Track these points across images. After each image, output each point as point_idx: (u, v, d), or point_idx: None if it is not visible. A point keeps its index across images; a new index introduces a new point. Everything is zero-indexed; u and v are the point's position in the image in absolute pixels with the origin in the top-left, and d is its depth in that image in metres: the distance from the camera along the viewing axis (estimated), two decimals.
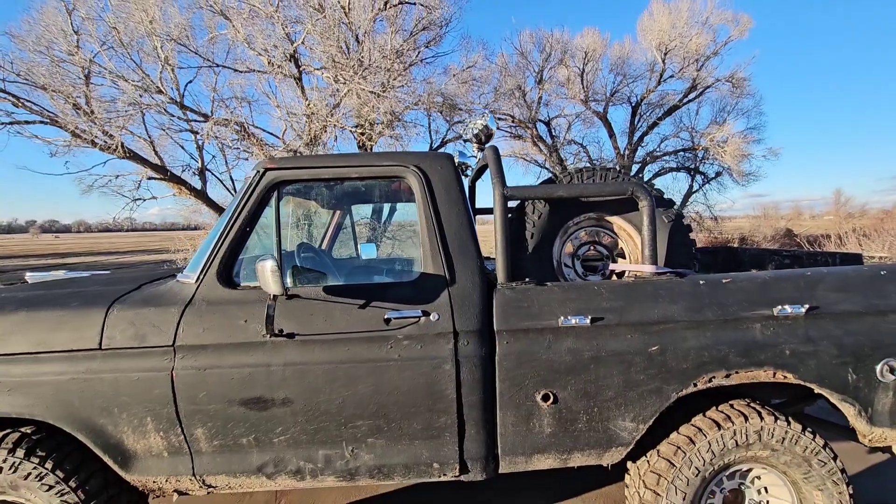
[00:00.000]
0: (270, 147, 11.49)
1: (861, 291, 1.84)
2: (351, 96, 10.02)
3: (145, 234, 62.13)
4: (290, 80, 10.70)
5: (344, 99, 10.36)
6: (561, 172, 2.21)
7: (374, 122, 10.91)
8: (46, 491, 1.74)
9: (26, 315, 1.79)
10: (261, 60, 10.57)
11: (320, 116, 10.45)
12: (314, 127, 10.79)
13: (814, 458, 1.84)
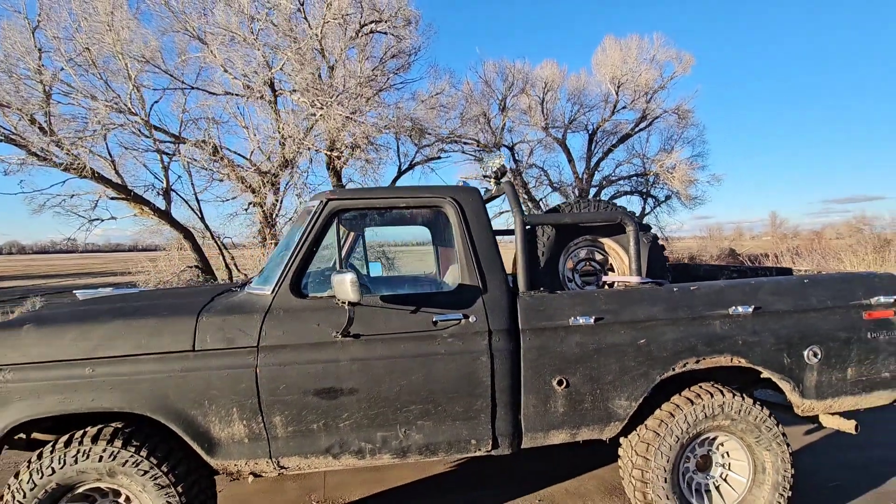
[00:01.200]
0: (241, 168, 11.62)
1: (791, 295, 2.47)
2: (327, 120, 10.41)
3: (87, 255, 58.46)
4: (265, 103, 10.97)
5: (319, 123, 10.72)
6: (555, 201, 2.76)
7: (352, 147, 11.30)
8: (142, 476, 2.04)
9: (124, 323, 2.11)
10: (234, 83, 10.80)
11: (295, 140, 10.75)
12: (288, 150, 11.06)
13: (762, 425, 2.42)
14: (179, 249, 12.62)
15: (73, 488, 2.06)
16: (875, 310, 2.48)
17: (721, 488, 2.52)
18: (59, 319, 2.16)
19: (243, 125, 12.51)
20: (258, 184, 11.46)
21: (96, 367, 2.03)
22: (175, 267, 12.39)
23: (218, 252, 12.59)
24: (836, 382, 2.48)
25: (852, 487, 2.98)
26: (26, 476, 1.99)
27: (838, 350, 2.45)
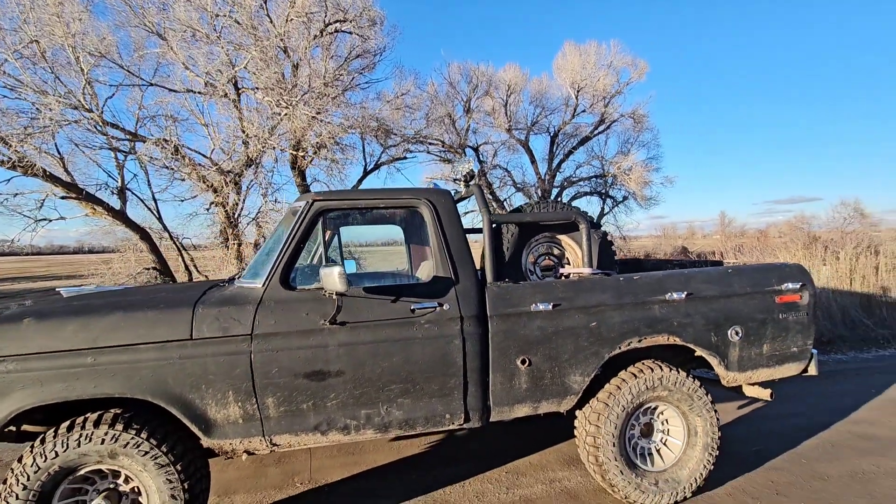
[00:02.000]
0: (202, 167, 11.46)
1: (717, 283, 2.90)
2: (292, 120, 10.44)
3: (28, 258, 54.62)
4: (228, 101, 10.88)
5: (284, 122, 10.73)
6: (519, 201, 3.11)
7: (317, 146, 11.36)
8: (143, 456, 2.22)
9: (124, 315, 2.28)
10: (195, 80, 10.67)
11: (260, 139, 10.72)
12: (252, 149, 11.01)
13: (694, 395, 2.83)
14: (135, 251, 12.30)
15: (75, 470, 2.22)
16: (785, 294, 2.95)
17: (661, 451, 2.93)
18: (57, 313, 2.30)
19: (203, 123, 12.33)
20: (220, 183, 11.35)
21: (98, 357, 2.20)
22: (131, 268, 12.07)
23: (177, 253, 12.35)
24: (755, 357, 2.93)
25: (771, 450, 3.48)
26: (30, 460, 2.14)
27: (756, 329, 2.90)
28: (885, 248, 8.21)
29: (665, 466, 2.88)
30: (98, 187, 11.36)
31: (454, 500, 2.95)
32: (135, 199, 11.99)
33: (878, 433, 3.76)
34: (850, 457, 3.38)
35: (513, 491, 3.04)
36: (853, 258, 7.73)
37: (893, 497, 2.87)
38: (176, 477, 2.25)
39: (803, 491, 2.96)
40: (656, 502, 2.77)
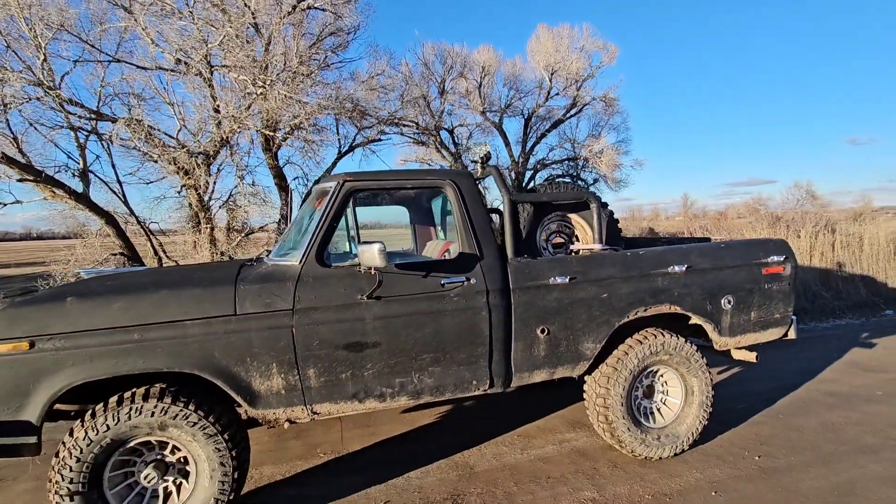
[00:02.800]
0: (172, 149, 11.10)
1: (712, 257, 3.20)
2: (268, 100, 10.23)
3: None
4: (199, 80, 10.53)
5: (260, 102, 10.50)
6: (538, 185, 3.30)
7: (293, 127, 11.19)
8: (192, 427, 2.33)
9: (169, 293, 2.36)
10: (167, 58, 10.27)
11: (236, 119, 10.47)
12: (227, 129, 10.74)
13: (691, 358, 3.14)
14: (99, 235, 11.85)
15: (125, 443, 2.31)
16: (770, 266, 3.28)
17: (661, 410, 3.24)
18: (100, 291, 2.36)
19: (168, 102, 11.89)
20: (192, 165, 11.04)
21: (144, 333, 2.28)
22: (96, 254, 11.65)
23: (144, 238, 11.98)
24: (744, 323, 3.26)
25: (752, 408, 3.88)
26: (82, 434, 2.22)
27: (745, 298, 3.23)
28: (840, 227, 8.91)
29: (665, 423, 3.20)
30: (57, 169, 10.84)
31: (474, 462, 3.18)
32: (98, 182, 11.51)
33: (841, 390, 4.23)
34: (821, 411, 3.81)
35: (527, 452, 3.30)
36: (813, 236, 8.37)
37: (859, 441, 3.29)
38: (224, 445, 2.38)
39: (783, 441, 3.35)
40: (658, 455, 3.09)
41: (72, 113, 10.37)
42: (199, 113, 11.27)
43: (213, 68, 10.78)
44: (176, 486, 2.43)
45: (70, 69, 10.73)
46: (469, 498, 2.77)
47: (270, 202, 12.79)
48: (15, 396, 2.17)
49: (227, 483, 2.38)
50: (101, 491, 2.28)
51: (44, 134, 11.08)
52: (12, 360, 2.15)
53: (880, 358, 5.13)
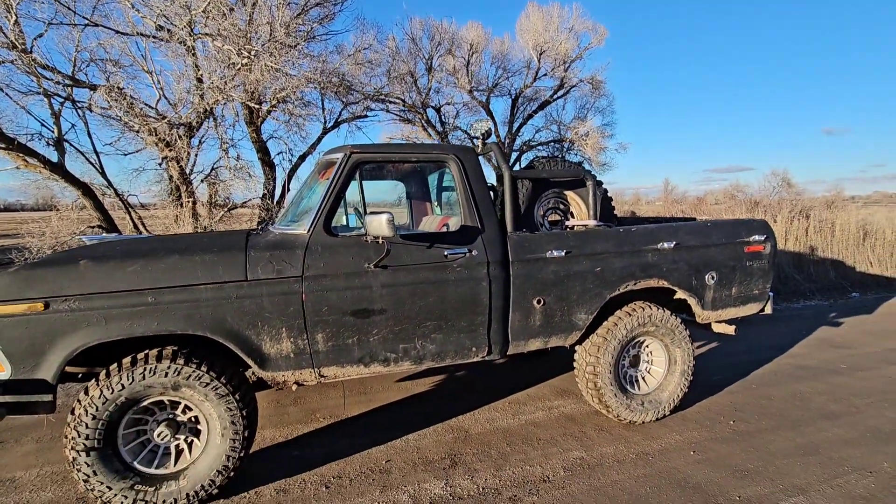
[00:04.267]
0: (153, 119, 10.82)
1: (699, 235, 3.38)
2: (252, 71, 10.02)
3: None
4: (181, 48, 10.24)
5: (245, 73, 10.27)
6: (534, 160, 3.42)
7: (280, 100, 11.00)
8: (205, 387, 2.43)
9: (182, 258, 2.42)
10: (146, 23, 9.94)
11: (222, 91, 10.23)
12: (209, 100, 10.50)
13: (676, 330, 3.35)
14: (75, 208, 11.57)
15: (139, 402, 2.39)
16: (752, 245, 3.49)
17: (646, 378, 3.46)
18: (112, 255, 2.40)
19: (146, 70, 11.52)
20: (174, 137, 10.80)
21: (158, 296, 2.34)
22: (72, 227, 11.38)
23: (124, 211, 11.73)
24: (725, 298, 3.47)
25: (727, 379, 4.15)
26: (97, 392, 2.29)
27: (727, 274, 3.44)
28: (814, 214, 9.30)
29: (649, 390, 3.41)
30: (30, 137, 10.49)
31: (468, 425, 3.36)
32: (73, 151, 11.18)
33: (809, 364, 4.53)
34: (790, 382, 4.10)
35: (518, 416, 3.49)
36: (788, 221, 8.72)
37: (824, 408, 3.57)
38: (235, 405, 2.48)
39: (755, 408, 3.61)
40: (642, 419, 3.31)
41: (46, 78, 9.98)
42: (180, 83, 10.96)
43: (196, 37, 10.48)
44: (187, 444, 2.54)
45: (43, 31, 10.31)
46: (465, 457, 2.94)
47: (256, 177, 12.60)
48: (31, 356, 2.22)
49: (238, 441, 2.49)
50: (115, 447, 2.37)
51: (15, 100, 10.66)
52: (28, 321, 2.20)
53: (846, 335, 5.48)
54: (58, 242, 11.37)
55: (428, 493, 2.58)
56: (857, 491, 2.59)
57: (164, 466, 2.48)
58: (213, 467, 2.46)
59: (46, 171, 11.16)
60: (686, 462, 2.87)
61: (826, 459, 2.90)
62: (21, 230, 14.40)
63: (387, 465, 2.86)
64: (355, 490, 2.62)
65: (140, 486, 2.37)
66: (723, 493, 2.56)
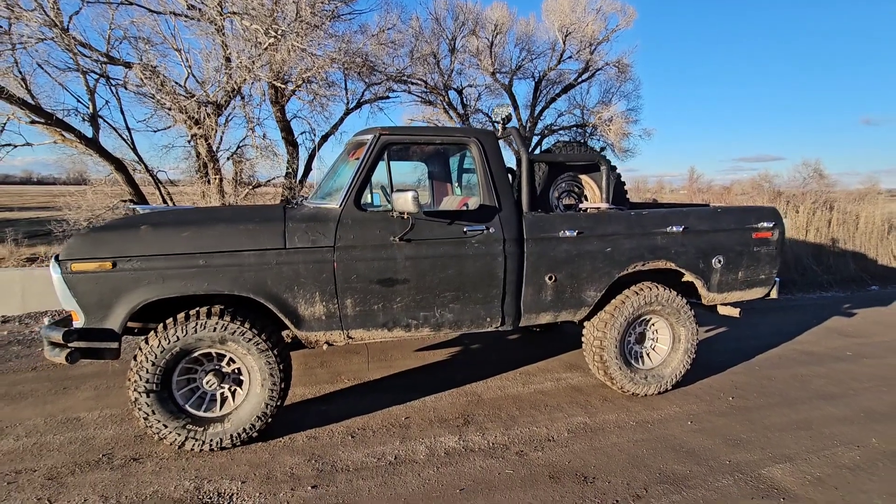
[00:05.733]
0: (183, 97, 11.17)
1: (708, 220, 3.56)
2: (279, 51, 10.27)
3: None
4: (211, 27, 10.53)
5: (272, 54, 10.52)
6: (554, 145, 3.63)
7: (306, 80, 11.24)
8: (248, 342, 2.75)
9: (228, 226, 2.73)
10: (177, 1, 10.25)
11: (250, 70, 10.52)
12: (237, 79, 10.80)
13: (681, 309, 3.55)
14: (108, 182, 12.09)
15: (190, 353, 2.73)
16: (760, 231, 3.65)
17: (650, 354, 3.68)
18: (167, 223, 2.72)
19: (175, 48, 11.87)
20: (203, 114, 11.17)
21: (209, 260, 2.66)
22: (106, 202, 11.92)
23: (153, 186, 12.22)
24: (731, 281, 3.66)
25: (731, 361, 4.34)
26: (156, 342, 2.63)
27: (734, 258, 3.61)
28: (838, 205, 9.24)
29: (653, 365, 3.64)
30: (66, 113, 10.97)
31: (481, 391, 3.64)
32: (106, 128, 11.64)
33: (815, 350, 4.69)
34: (793, 366, 4.28)
35: (528, 386, 3.76)
36: (810, 212, 8.71)
37: (822, 390, 3.76)
38: (273, 360, 2.80)
39: (755, 387, 3.81)
40: (644, 391, 3.55)
41: (84, 55, 10.41)
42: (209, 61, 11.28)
43: (225, 16, 10.75)
44: (231, 393, 2.87)
45: (79, 9, 10.71)
46: (478, 418, 3.23)
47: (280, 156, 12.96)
48: (100, 308, 2.56)
49: (276, 391, 2.82)
50: (170, 391, 2.72)
51: (53, 77, 11.14)
52: (98, 277, 2.54)
53: (857, 325, 5.59)
54: (93, 215, 11.97)
55: (443, 445, 2.88)
56: (843, 462, 2.80)
57: (211, 410, 2.83)
58: (253, 413, 2.80)
59: (82, 146, 11.72)
60: (683, 430, 3.11)
61: (817, 434, 3.11)
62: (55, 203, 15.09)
63: (406, 421, 3.17)
64: (378, 440, 2.93)
65: (191, 426, 2.72)
66: (714, 458, 2.80)
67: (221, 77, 11.36)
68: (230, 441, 2.78)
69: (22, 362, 4.11)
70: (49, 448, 2.80)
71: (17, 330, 4.91)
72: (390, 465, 2.68)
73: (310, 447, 2.85)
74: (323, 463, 2.69)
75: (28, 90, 10.73)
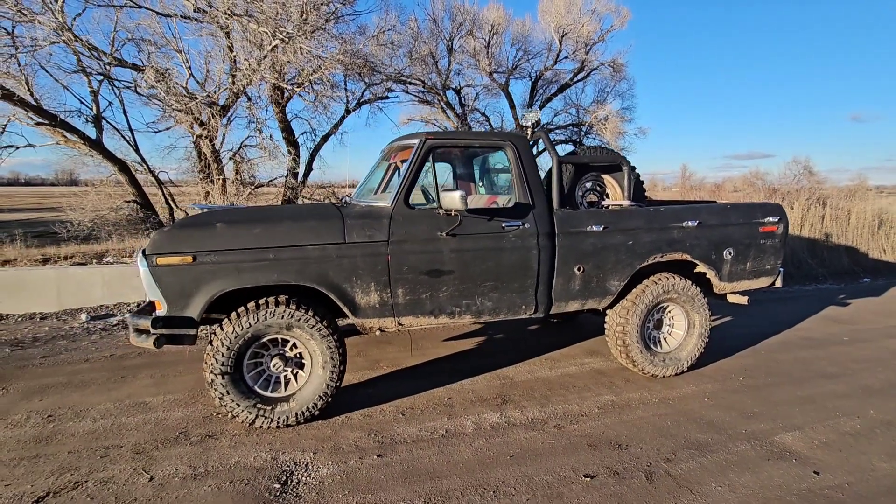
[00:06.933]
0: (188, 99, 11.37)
1: (719, 215, 3.92)
2: (286, 53, 10.54)
3: None
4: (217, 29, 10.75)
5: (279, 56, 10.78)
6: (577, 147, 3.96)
7: (311, 81, 11.49)
8: (311, 328, 3.05)
9: (294, 223, 3.03)
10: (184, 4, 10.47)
11: (256, 72, 10.76)
12: (241, 81, 11.04)
13: (696, 297, 3.92)
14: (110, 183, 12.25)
15: (260, 338, 3.02)
16: (766, 225, 4.02)
17: (667, 339, 4.04)
18: (239, 220, 3.01)
19: (177, 49, 12.08)
20: (209, 115, 11.39)
21: (278, 254, 2.96)
22: (111, 202, 12.07)
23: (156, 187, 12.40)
24: (740, 271, 4.03)
25: (739, 347, 4.72)
26: (230, 328, 2.92)
27: (743, 250, 3.98)
28: (831, 202, 9.71)
29: (670, 349, 4.00)
30: (68, 114, 11.13)
31: (513, 375, 3.98)
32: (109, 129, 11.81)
33: (815, 336, 5.09)
34: (795, 350, 4.67)
35: (555, 369, 4.10)
36: (805, 208, 9.16)
37: (823, 370, 4.15)
38: (333, 344, 3.11)
39: (763, 368, 4.19)
40: (663, 373, 3.90)
41: (94, 57, 10.59)
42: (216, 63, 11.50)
43: (233, 17, 10.98)
44: (293, 375, 3.18)
45: (82, 11, 10.91)
46: (514, 397, 3.56)
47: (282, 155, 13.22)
48: (181, 297, 2.85)
49: (335, 373, 3.13)
50: (241, 374, 3.02)
51: (56, 78, 11.31)
52: (180, 270, 2.83)
53: (851, 314, 6.01)
54: (98, 216, 12.12)
55: (487, 421, 3.21)
56: (845, 429, 3.17)
57: (277, 391, 3.13)
58: (315, 393, 3.11)
59: (85, 147, 11.89)
60: (701, 406, 3.47)
61: (821, 407, 3.48)
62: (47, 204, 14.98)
63: (448, 401, 3.49)
64: (427, 417, 3.25)
65: (261, 405, 3.02)
66: (732, 427, 3.16)
67: (226, 79, 11.60)
68: (295, 419, 3.08)
69: (73, 355, 4.36)
70: (127, 428, 3.08)
71: (57, 326, 5.14)
72: (443, 437, 3.00)
73: (366, 423, 3.16)
74: (382, 436, 3.00)
75: (31, 92, 10.91)
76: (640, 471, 2.65)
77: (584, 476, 2.59)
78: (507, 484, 2.51)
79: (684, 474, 2.62)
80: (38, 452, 2.77)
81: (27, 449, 2.81)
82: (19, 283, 5.46)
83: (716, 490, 2.48)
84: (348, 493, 2.43)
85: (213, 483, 2.49)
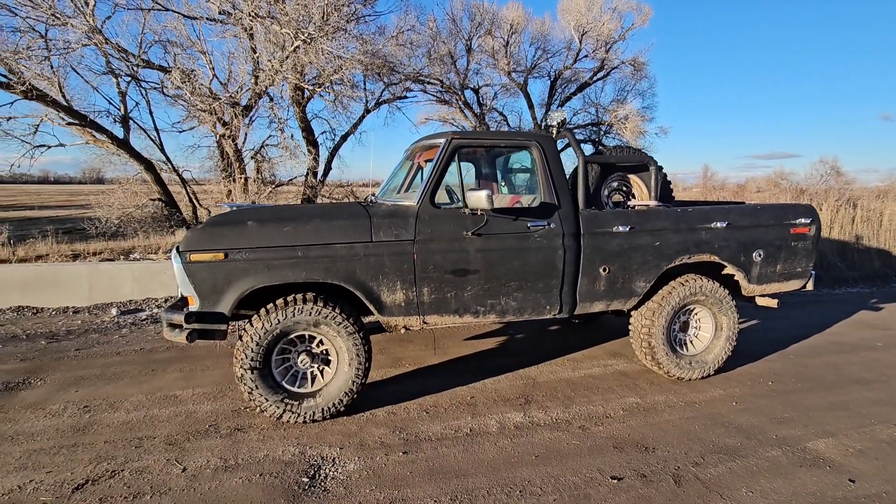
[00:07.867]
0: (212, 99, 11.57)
1: (749, 216, 3.86)
2: (308, 54, 10.66)
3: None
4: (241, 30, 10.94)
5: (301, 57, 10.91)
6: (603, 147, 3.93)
7: (332, 81, 11.60)
8: (338, 325, 3.09)
9: (322, 222, 3.07)
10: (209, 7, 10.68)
11: (277, 72, 10.90)
12: (265, 81, 11.20)
13: (724, 300, 3.86)
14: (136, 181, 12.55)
15: (288, 335, 3.08)
16: (797, 227, 3.94)
17: (693, 341, 3.99)
18: (269, 219, 3.07)
19: (201, 51, 12.32)
20: (232, 115, 11.59)
21: (306, 252, 3.00)
22: (137, 200, 12.36)
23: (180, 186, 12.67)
24: (770, 273, 3.95)
25: (768, 351, 4.64)
26: (259, 325, 2.98)
27: (773, 252, 3.91)
28: (862, 203, 9.45)
29: (696, 352, 3.95)
30: (97, 114, 11.44)
31: (535, 375, 3.97)
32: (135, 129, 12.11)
33: (846, 340, 4.97)
34: (826, 354, 4.57)
35: (578, 371, 4.08)
36: (834, 210, 8.94)
37: (856, 376, 4.05)
38: (359, 341, 3.14)
39: (793, 373, 4.11)
40: (689, 376, 3.85)
41: (124, 59, 10.84)
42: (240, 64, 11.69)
43: (257, 19, 11.15)
44: (320, 372, 3.22)
45: (111, 14, 11.19)
46: (537, 398, 3.55)
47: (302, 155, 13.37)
48: (213, 293, 2.92)
49: (361, 370, 3.16)
50: (269, 369, 3.07)
51: (87, 80, 11.62)
52: (213, 266, 2.89)
53: (884, 318, 5.85)
54: (124, 213, 12.42)
55: (511, 420, 3.21)
56: (881, 437, 3.09)
57: (303, 387, 3.17)
58: (341, 389, 3.15)
59: (113, 146, 12.19)
60: (729, 410, 3.42)
61: (854, 414, 3.40)
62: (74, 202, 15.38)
63: (472, 400, 3.50)
64: (450, 415, 3.27)
65: (288, 400, 3.07)
66: (762, 433, 3.11)
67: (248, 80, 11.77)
68: (321, 414, 3.12)
69: (105, 348, 4.49)
70: (159, 419, 3.17)
71: (89, 320, 5.30)
72: (467, 436, 3.01)
73: (391, 420, 3.19)
74: (407, 434, 3.02)
75: (62, 93, 11.24)
76: (667, 474, 2.62)
77: (611, 478, 2.57)
78: (534, 484, 2.51)
79: (714, 479, 2.59)
80: (76, 441, 2.87)
81: (66, 438, 2.91)
82: (54, 278, 5.64)
83: (746, 496, 2.44)
84: (375, 488, 2.46)
85: (243, 475, 2.55)
